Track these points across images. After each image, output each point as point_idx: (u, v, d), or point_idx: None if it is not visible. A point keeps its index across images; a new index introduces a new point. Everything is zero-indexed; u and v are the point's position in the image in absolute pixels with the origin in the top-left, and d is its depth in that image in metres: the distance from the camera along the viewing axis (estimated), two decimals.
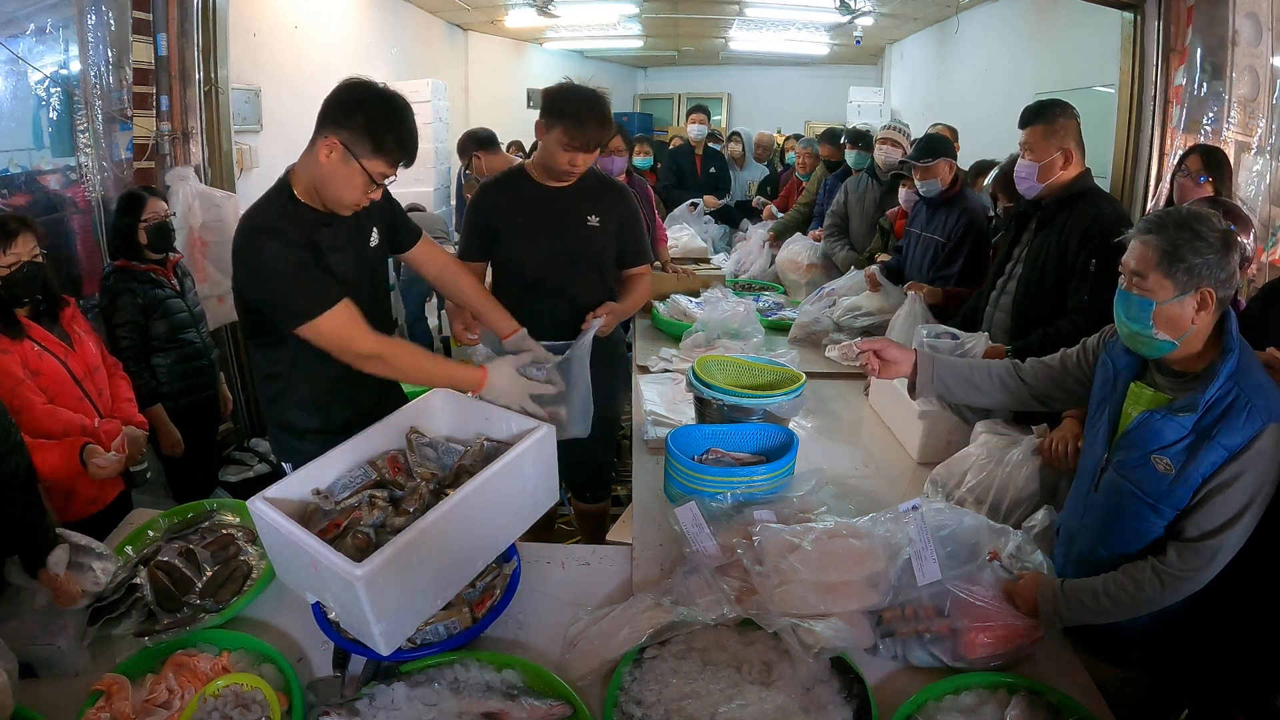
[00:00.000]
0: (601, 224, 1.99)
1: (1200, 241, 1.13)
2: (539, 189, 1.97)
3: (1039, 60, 5.12)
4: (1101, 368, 1.35)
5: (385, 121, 1.37)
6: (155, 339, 2.41)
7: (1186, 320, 1.16)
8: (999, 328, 2.14)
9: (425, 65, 6.58)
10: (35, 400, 1.75)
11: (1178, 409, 1.18)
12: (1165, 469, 1.18)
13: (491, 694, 1.13)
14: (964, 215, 2.67)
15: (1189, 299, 1.15)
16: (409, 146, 1.42)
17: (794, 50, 8.32)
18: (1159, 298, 1.16)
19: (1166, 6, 3.26)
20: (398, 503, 1.37)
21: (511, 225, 1.97)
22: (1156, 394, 1.24)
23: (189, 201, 3.02)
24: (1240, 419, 1.13)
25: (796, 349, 2.62)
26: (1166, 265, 1.15)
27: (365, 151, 1.37)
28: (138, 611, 1.31)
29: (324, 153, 1.38)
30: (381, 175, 1.42)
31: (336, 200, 1.44)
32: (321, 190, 1.44)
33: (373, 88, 1.40)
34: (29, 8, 2.67)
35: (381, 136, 1.37)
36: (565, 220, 1.97)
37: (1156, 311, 1.17)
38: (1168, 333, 1.18)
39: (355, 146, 1.37)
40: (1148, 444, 1.21)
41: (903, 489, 1.85)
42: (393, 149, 1.39)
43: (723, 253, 4.45)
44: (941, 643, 1.23)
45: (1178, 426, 1.17)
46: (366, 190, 1.43)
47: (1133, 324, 1.21)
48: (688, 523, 1.44)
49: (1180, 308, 1.16)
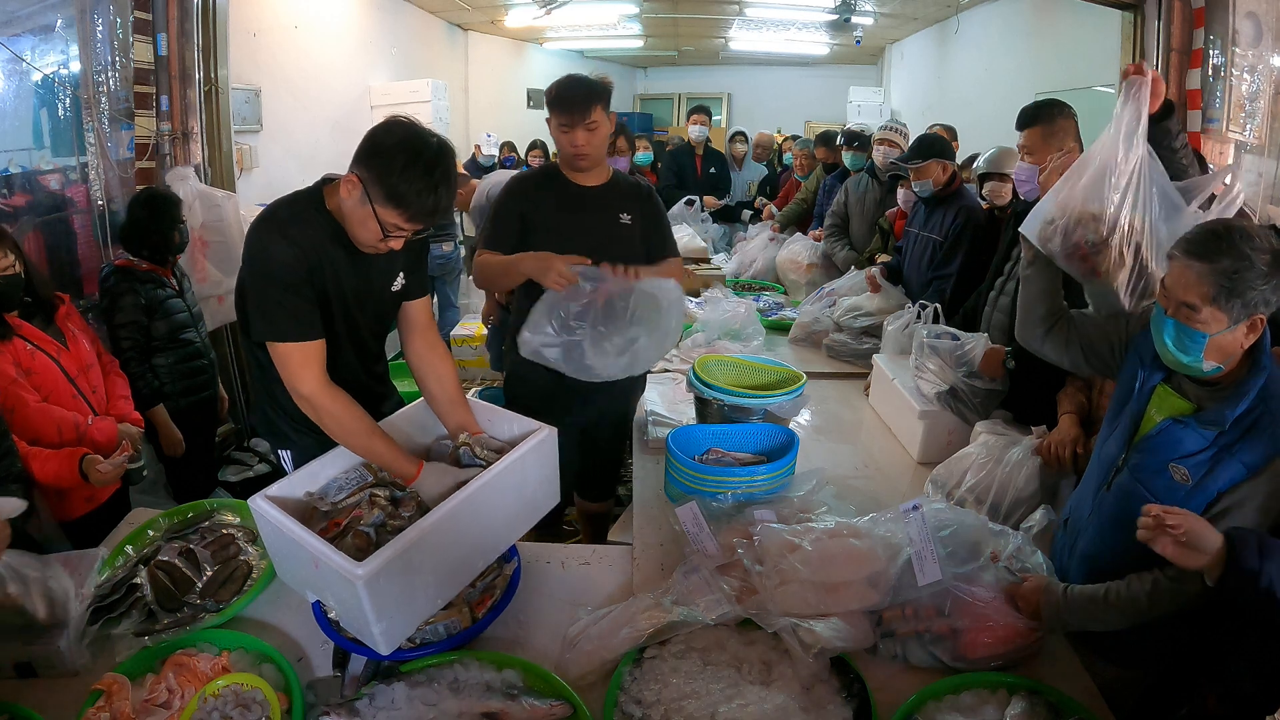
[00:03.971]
0: (633, 223, 1.99)
1: (1254, 271, 1.07)
2: (572, 185, 1.96)
3: (1039, 60, 5.13)
4: (1130, 361, 1.32)
5: (405, 172, 1.25)
6: (156, 339, 2.41)
7: (1237, 346, 1.13)
8: (998, 328, 2.13)
9: (425, 65, 6.59)
10: (28, 399, 1.75)
11: (1204, 421, 1.16)
12: (1183, 479, 1.17)
13: (491, 694, 1.13)
14: (961, 214, 2.66)
15: (1241, 326, 1.11)
16: (426, 204, 1.28)
17: (794, 50, 8.34)
18: (1212, 330, 1.11)
19: (1167, 6, 3.26)
20: (398, 503, 1.37)
21: (546, 219, 1.94)
22: (1182, 401, 1.22)
23: (189, 201, 3.02)
24: (1264, 438, 1.11)
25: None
26: (1224, 300, 1.09)
27: (379, 198, 1.27)
28: (138, 611, 1.31)
29: (346, 188, 1.31)
30: (394, 227, 1.30)
31: (355, 238, 1.38)
32: (344, 223, 1.38)
33: (408, 130, 1.28)
34: (30, 7, 2.67)
35: (397, 187, 1.26)
36: (600, 217, 1.96)
37: (1210, 343, 1.12)
38: (1216, 359, 1.14)
39: (372, 189, 1.27)
40: (1168, 452, 1.19)
41: (903, 489, 1.85)
42: (408, 204, 1.27)
43: (723, 253, 4.45)
44: (941, 643, 1.23)
45: (1200, 438, 1.15)
46: (380, 238, 1.32)
47: (1184, 356, 1.15)
48: (688, 523, 1.44)
49: (1233, 336, 1.11)
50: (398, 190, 1.26)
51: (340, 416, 1.35)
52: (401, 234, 1.33)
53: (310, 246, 1.37)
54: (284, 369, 1.35)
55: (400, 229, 1.31)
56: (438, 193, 1.28)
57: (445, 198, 1.31)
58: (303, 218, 1.38)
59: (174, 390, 2.46)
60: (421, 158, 1.26)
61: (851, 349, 2.74)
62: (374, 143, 1.28)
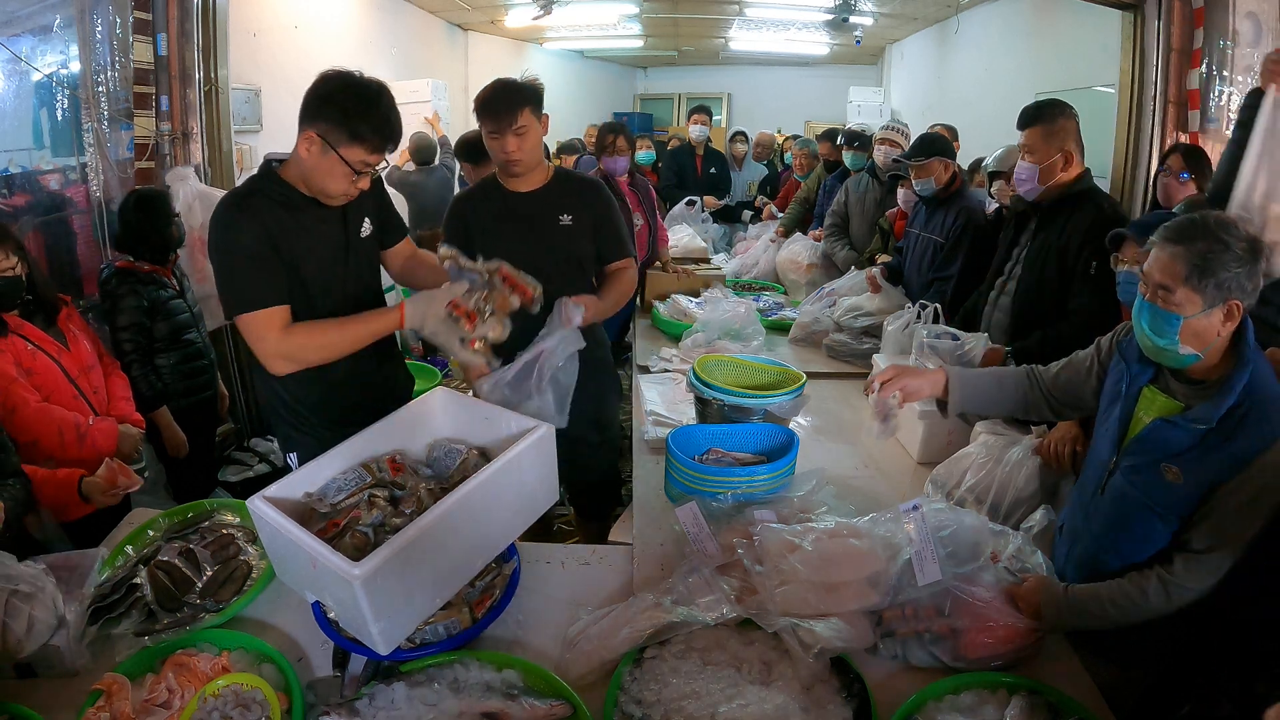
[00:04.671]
0: (575, 222, 1.95)
1: (1229, 253, 1.09)
2: (508, 195, 1.95)
3: (1039, 60, 5.12)
4: (1114, 368, 1.33)
5: (357, 108, 1.37)
6: (158, 340, 2.41)
7: (1213, 333, 1.13)
8: (998, 328, 2.14)
9: (425, 65, 6.58)
10: (29, 399, 1.75)
11: (1192, 419, 1.16)
12: (1174, 478, 1.17)
13: (491, 694, 1.13)
14: (962, 215, 2.67)
15: (1217, 311, 1.12)
16: (385, 131, 1.41)
17: (794, 50, 8.32)
18: (1187, 312, 1.12)
19: (1167, 6, 3.26)
20: (397, 502, 1.37)
21: (484, 232, 1.93)
22: (1170, 401, 1.23)
23: (189, 201, 3.02)
24: (1253, 431, 1.11)
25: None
26: (1196, 279, 1.10)
27: (341, 141, 1.38)
28: (138, 611, 1.30)
29: (304, 147, 1.40)
30: (362, 163, 1.41)
31: (324, 192, 1.46)
32: (309, 184, 1.46)
33: (345, 78, 1.40)
34: (30, 7, 2.67)
35: (355, 124, 1.37)
36: (536, 222, 1.94)
37: (1184, 326, 1.13)
38: (1193, 346, 1.15)
39: (331, 137, 1.38)
40: (1158, 452, 1.20)
41: (903, 489, 1.85)
42: (368, 135, 1.38)
43: (723, 253, 4.46)
44: (941, 643, 1.23)
45: (1189, 436, 1.16)
46: (350, 179, 1.43)
47: (1159, 339, 1.17)
48: (688, 523, 1.44)
49: (1208, 320, 1.12)
50: (357, 130, 1.37)
51: (312, 336, 1.43)
52: (368, 169, 1.43)
53: (270, 215, 1.43)
54: (251, 339, 1.40)
55: (366, 163, 1.41)
56: (390, 120, 1.41)
57: (398, 122, 1.44)
58: (259, 190, 1.46)
59: (176, 390, 2.45)
60: (366, 94, 1.39)
61: (851, 349, 2.74)
62: (318, 96, 1.39)
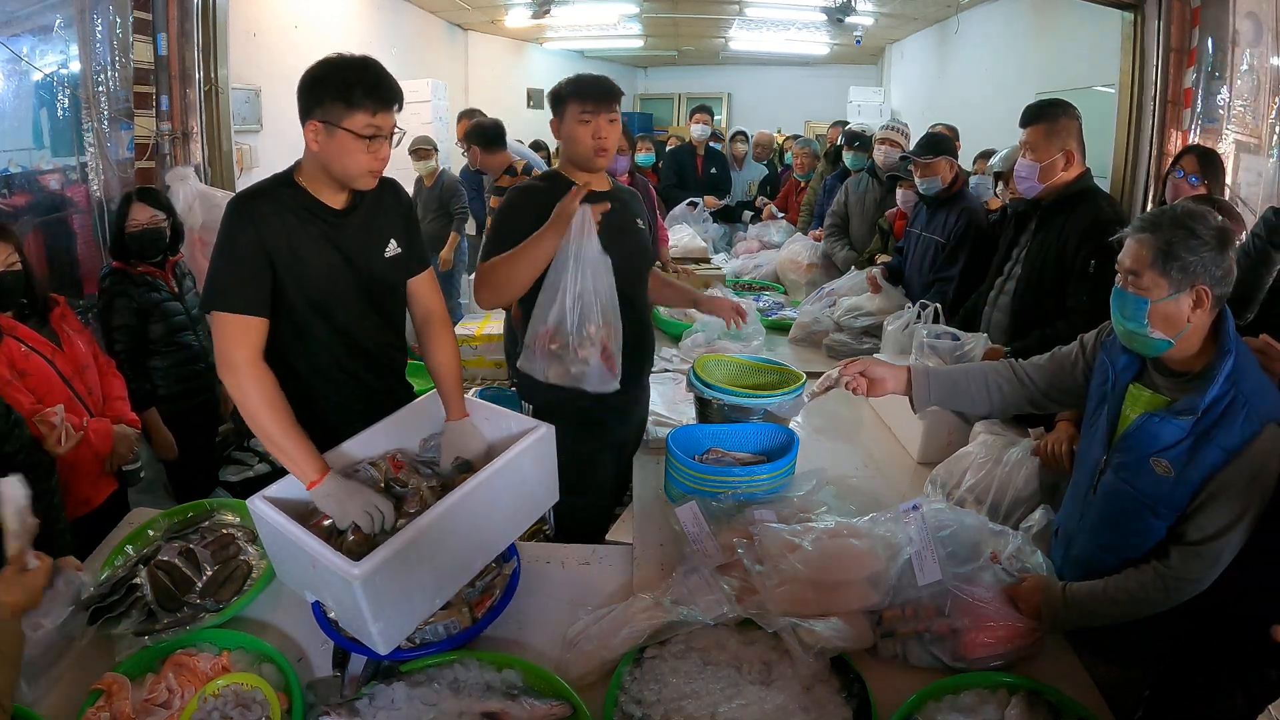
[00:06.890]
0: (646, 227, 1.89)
1: (1195, 239, 1.13)
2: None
3: (1039, 60, 5.13)
4: (1099, 367, 1.35)
5: (347, 78, 1.35)
6: (152, 342, 2.39)
7: (1182, 318, 1.16)
8: (998, 328, 2.14)
9: (425, 65, 6.59)
10: (23, 400, 1.74)
11: (1177, 411, 1.18)
12: (1165, 472, 1.18)
13: (491, 694, 1.13)
14: (963, 215, 2.66)
15: (1184, 297, 1.15)
16: (380, 88, 1.37)
17: (794, 50, 8.33)
18: (1154, 296, 1.16)
19: (1167, 6, 3.26)
20: (401, 501, 1.37)
21: None
22: (1155, 396, 1.24)
23: (189, 201, 3.02)
24: (1239, 420, 1.12)
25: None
26: (1161, 263, 1.15)
27: (342, 114, 1.34)
28: (138, 611, 1.30)
29: (312, 139, 1.37)
30: (368, 127, 1.36)
31: (346, 175, 1.41)
32: (331, 174, 1.41)
33: (326, 60, 1.38)
34: (30, 7, 2.68)
35: (349, 92, 1.34)
36: (622, 224, 1.75)
37: (1152, 310, 1.17)
38: (1164, 331, 1.18)
39: (332, 116, 1.34)
40: (1147, 447, 1.20)
41: (903, 489, 1.85)
42: (363, 97, 1.35)
43: (723, 253, 4.45)
44: (941, 643, 1.23)
45: (1177, 429, 1.17)
46: (365, 149, 1.37)
47: (1129, 322, 1.21)
48: (688, 522, 1.44)
49: (1176, 305, 1.15)
50: (351, 95, 1.34)
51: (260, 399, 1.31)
52: (379, 133, 1.37)
53: (275, 220, 1.38)
54: (220, 338, 1.34)
55: (373, 125, 1.36)
56: (382, 79, 1.37)
57: (392, 81, 1.40)
58: (269, 194, 1.42)
59: (171, 393, 2.43)
60: (351, 62, 1.37)
61: (852, 349, 2.74)
62: (307, 85, 1.36)
